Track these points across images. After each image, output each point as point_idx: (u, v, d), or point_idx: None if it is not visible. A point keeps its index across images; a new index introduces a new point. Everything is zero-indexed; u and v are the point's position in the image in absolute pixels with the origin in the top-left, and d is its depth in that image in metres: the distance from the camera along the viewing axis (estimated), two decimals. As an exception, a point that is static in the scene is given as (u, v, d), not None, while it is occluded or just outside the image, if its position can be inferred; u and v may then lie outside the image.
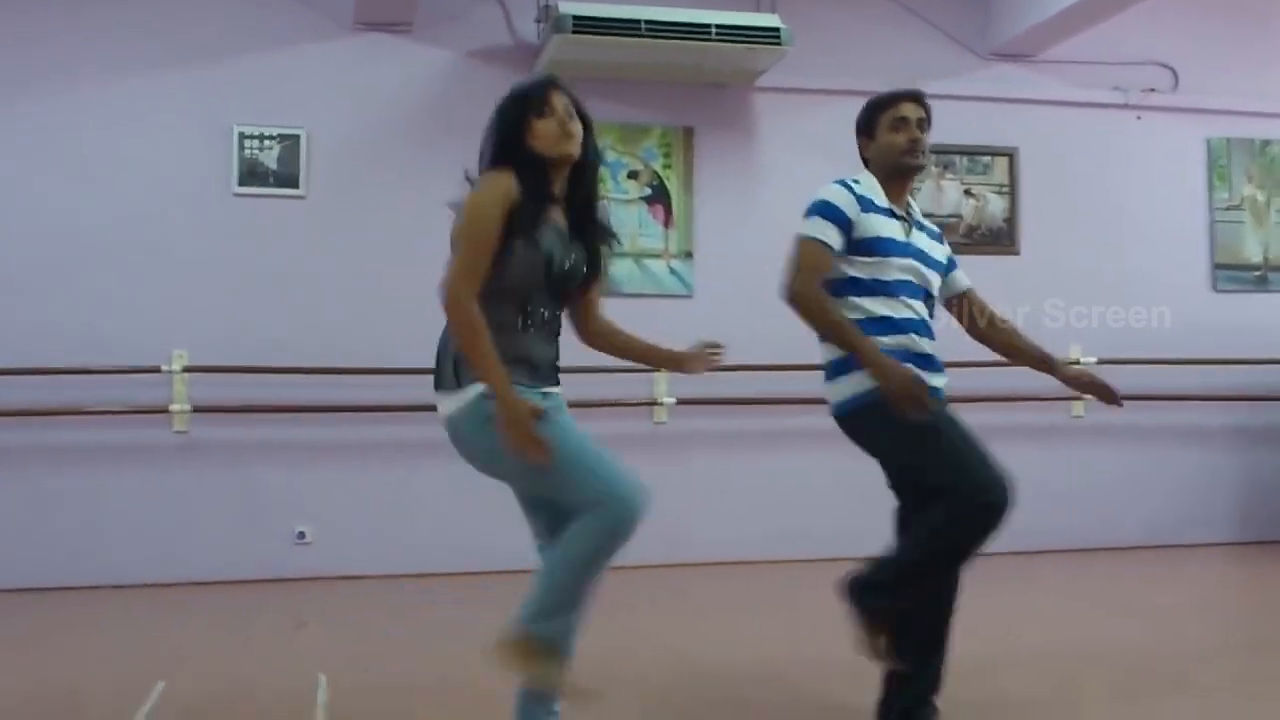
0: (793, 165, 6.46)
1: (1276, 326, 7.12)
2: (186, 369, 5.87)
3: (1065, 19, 6.38)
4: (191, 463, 5.92)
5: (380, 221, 6.11)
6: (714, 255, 6.48)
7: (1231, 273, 7.17)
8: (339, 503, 6.04)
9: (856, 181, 3.28)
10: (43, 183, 5.87)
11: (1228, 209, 7.19)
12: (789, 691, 3.43)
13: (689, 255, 6.49)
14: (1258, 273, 7.21)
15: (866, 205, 3.21)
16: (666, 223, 6.49)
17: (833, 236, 3.17)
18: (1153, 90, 7.08)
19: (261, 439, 5.98)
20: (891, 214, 3.26)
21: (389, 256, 6.03)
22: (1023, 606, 5.34)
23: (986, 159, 6.91)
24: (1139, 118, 7.10)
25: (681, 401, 6.35)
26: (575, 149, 2.99)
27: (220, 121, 6.04)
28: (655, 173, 6.51)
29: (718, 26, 5.97)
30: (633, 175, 6.49)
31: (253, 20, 6.12)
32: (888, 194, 3.29)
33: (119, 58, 5.98)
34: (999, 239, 6.90)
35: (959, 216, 6.84)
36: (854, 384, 3.17)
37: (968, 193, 6.88)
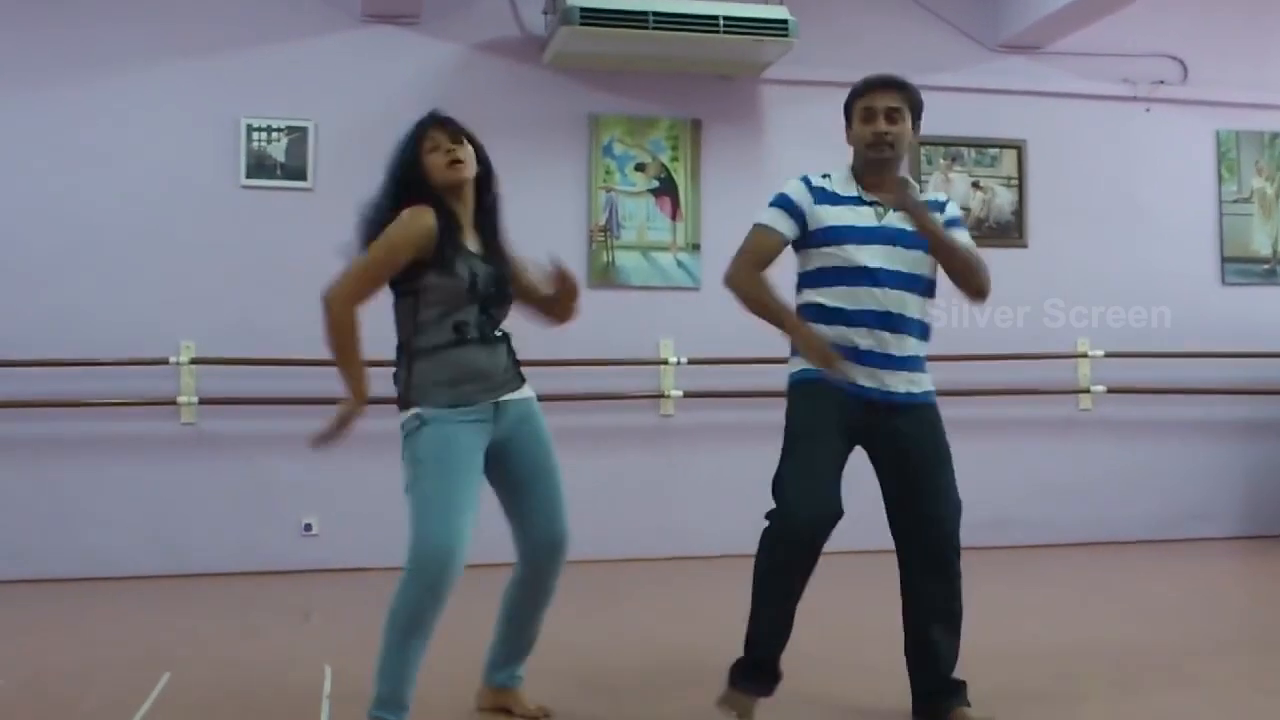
0: (800, 157, 6.40)
1: (1285, 320, 7.11)
2: (194, 361, 5.88)
3: (1074, 11, 6.36)
4: (199, 455, 5.93)
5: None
6: (721, 248, 6.37)
7: (1240, 266, 7.15)
8: (346, 495, 6.05)
9: (826, 176, 3.31)
10: (51, 175, 5.88)
11: (1236, 201, 7.17)
12: (789, 687, 3.43)
13: (696, 248, 6.49)
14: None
15: (822, 196, 3.23)
16: (674, 215, 6.49)
17: (783, 225, 3.24)
18: (1162, 82, 7.06)
19: (268, 431, 5.99)
20: (860, 201, 3.25)
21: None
22: (1027, 600, 5.33)
23: (994, 151, 6.89)
24: (1148, 110, 7.08)
25: (689, 394, 6.35)
26: (464, 172, 3.17)
27: (228, 114, 6.05)
28: (663, 165, 6.51)
29: (725, 18, 5.96)
30: (640, 168, 6.48)
31: (261, 13, 6.13)
32: (867, 183, 3.28)
33: (127, 50, 5.98)
34: (1007, 232, 6.88)
35: (967, 209, 6.82)
36: (790, 364, 3.29)
37: (976, 185, 6.86)
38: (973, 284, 3.33)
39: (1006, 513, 6.68)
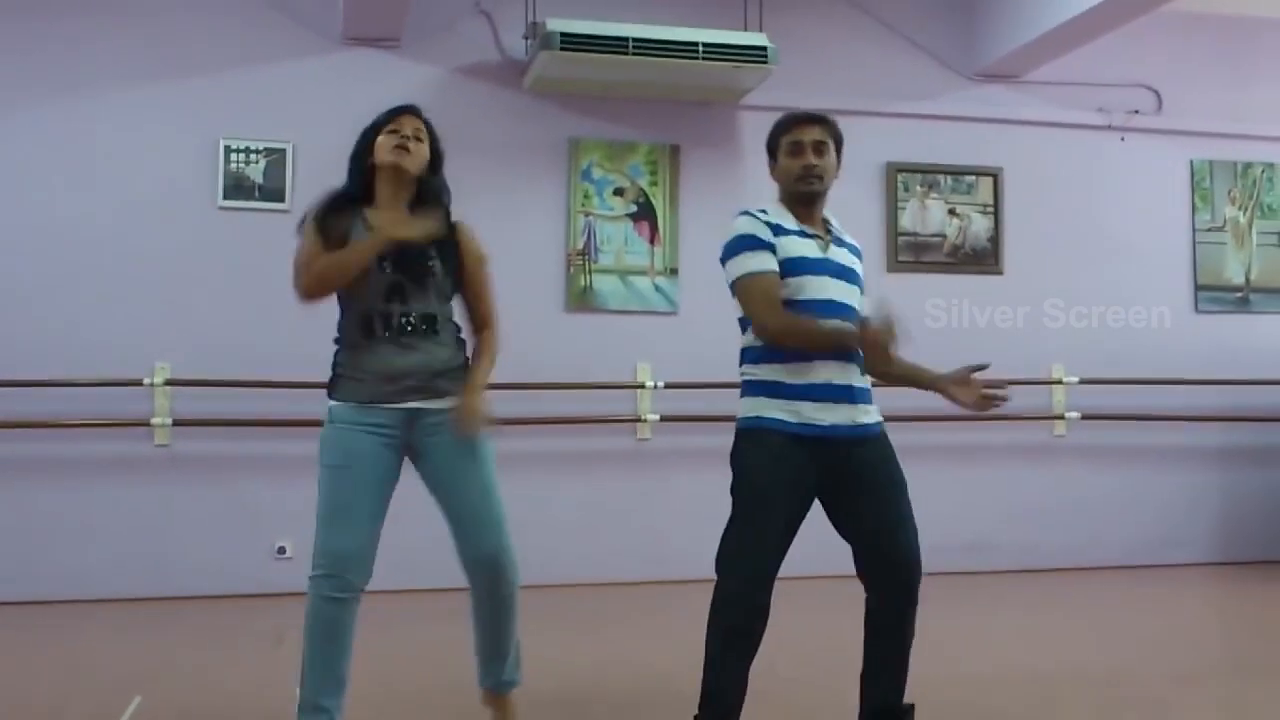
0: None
1: (1257, 347, 7.16)
2: (169, 382, 5.85)
3: (1050, 41, 6.42)
4: (173, 476, 5.89)
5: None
6: (699, 272, 6.48)
7: (1213, 294, 7.21)
8: (321, 517, 6.01)
9: (764, 210, 3.23)
10: (26, 193, 5.86)
11: (1210, 230, 7.23)
12: (768, 710, 3.42)
13: (674, 272, 6.50)
14: (1239, 294, 7.25)
15: (777, 230, 3.17)
16: (652, 239, 6.50)
17: (767, 261, 3.13)
18: (1136, 112, 7.13)
19: (243, 453, 5.96)
20: (804, 234, 3.21)
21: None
22: (1003, 625, 5.34)
23: (971, 179, 6.94)
24: (1123, 139, 7.14)
25: (666, 418, 6.35)
26: (408, 164, 3.19)
27: (207, 135, 6.04)
28: (641, 190, 6.53)
29: (705, 45, 5.99)
30: (619, 192, 6.50)
31: (241, 35, 6.13)
32: (797, 217, 3.24)
33: (106, 71, 5.97)
34: (983, 258, 6.93)
35: (943, 236, 6.87)
36: (744, 407, 3.21)
37: (952, 212, 6.90)
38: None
39: (982, 538, 6.70)
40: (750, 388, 3.20)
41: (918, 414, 6.52)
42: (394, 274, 3.11)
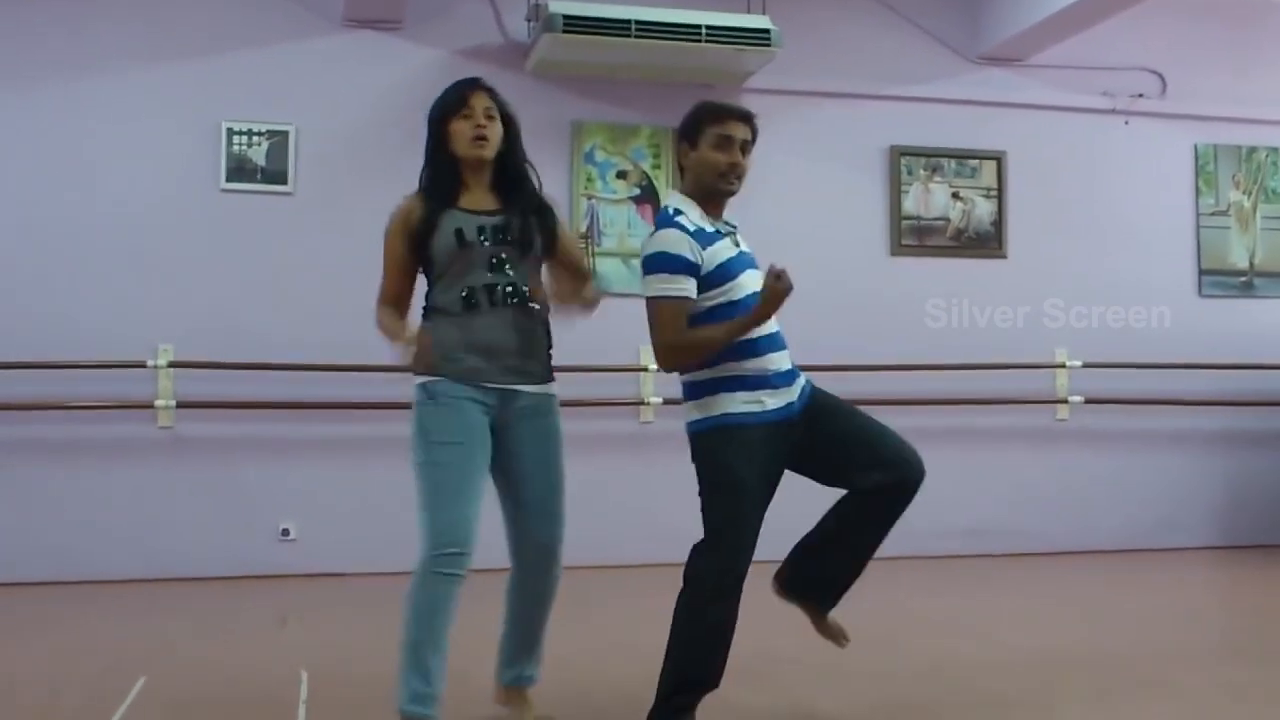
0: (781, 166, 6.47)
1: (1261, 332, 7.16)
2: (172, 364, 5.85)
3: (1054, 24, 6.40)
4: (176, 458, 5.90)
5: (368, 219, 5.97)
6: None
7: (1217, 278, 7.20)
8: (323, 500, 6.03)
9: (680, 214, 3.16)
10: (29, 177, 5.86)
11: (1214, 214, 7.22)
12: (770, 692, 3.43)
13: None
14: (1243, 278, 7.24)
15: (702, 238, 3.12)
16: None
17: (688, 287, 3.08)
18: (1140, 96, 7.11)
19: (246, 435, 5.97)
20: (719, 234, 3.18)
21: (376, 254, 5.96)
22: (1004, 609, 5.35)
23: (974, 163, 6.93)
24: (1127, 123, 7.12)
25: (668, 401, 6.34)
26: (486, 152, 3.14)
27: (209, 118, 6.03)
28: (644, 173, 6.52)
29: (708, 27, 5.98)
30: (621, 175, 6.49)
31: (243, 17, 6.11)
32: (705, 210, 3.20)
33: (107, 53, 5.96)
34: (986, 242, 6.92)
35: (947, 220, 6.86)
36: (703, 408, 3.18)
37: (955, 196, 6.89)
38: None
39: (984, 522, 6.71)
40: (708, 386, 3.16)
41: (919, 398, 6.54)
42: (494, 245, 3.08)
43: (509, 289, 3.08)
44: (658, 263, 3.10)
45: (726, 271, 3.14)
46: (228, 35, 6.09)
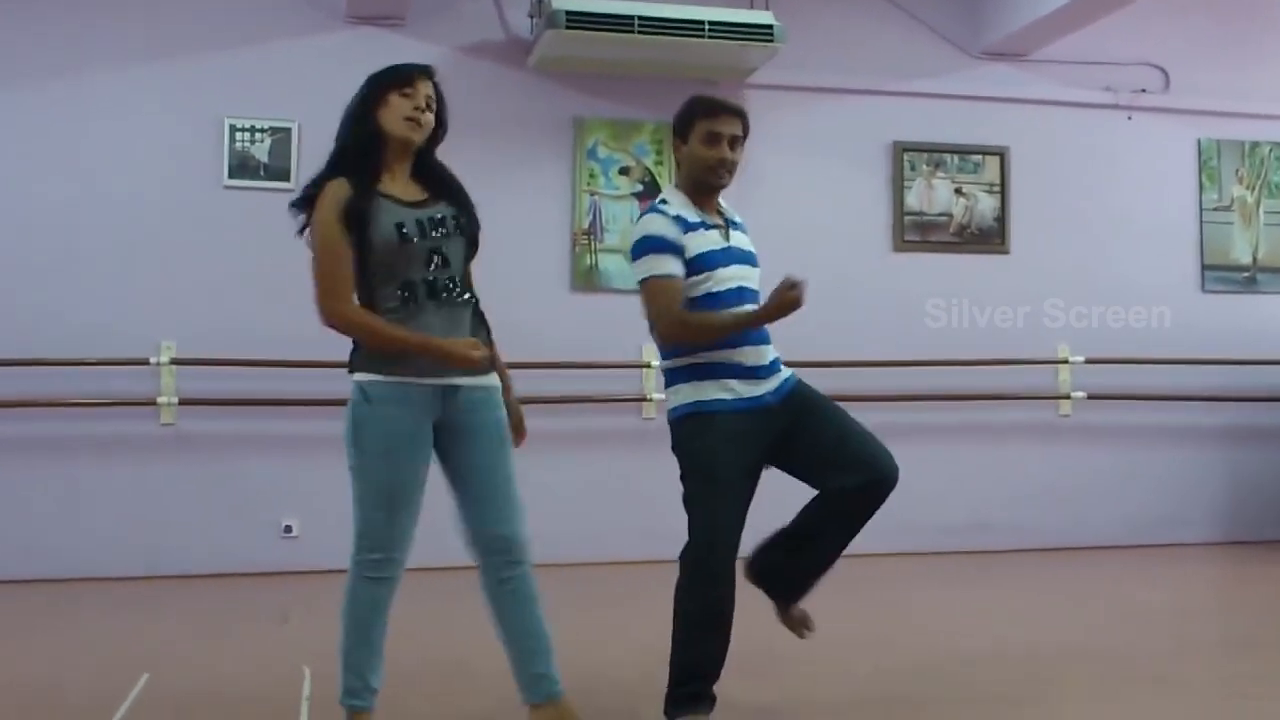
0: (784, 162, 6.48)
1: (1263, 328, 7.15)
2: (174, 361, 5.85)
3: (1056, 19, 6.39)
4: (178, 455, 5.91)
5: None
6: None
7: (1220, 273, 7.19)
8: (326, 497, 5.98)
9: (665, 203, 3.23)
10: (32, 173, 5.86)
11: (1217, 209, 7.21)
12: (772, 688, 3.43)
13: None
14: (1246, 274, 7.23)
15: (684, 225, 3.17)
16: (657, 219, 6.49)
17: (674, 266, 3.13)
18: (1143, 91, 7.10)
19: (248, 432, 5.97)
20: (705, 225, 3.22)
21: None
22: (1007, 603, 5.35)
23: (977, 158, 6.92)
24: (1129, 118, 7.11)
25: (671, 398, 6.35)
26: (417, 137, 3.04)
27: (211, 114, 6.03)
28: (647, 169, 6.51)
29: (711, 23, 5.97)
30: (624, 171, 6.49)
31: (246, 13, 6.11)
32: (697, 204, 3.25)
33: (109, 49, 5.96)
34: (989, 238, 6.91)
35: (949, 215, 6.86)
36: (679, 395, 3.21)
37: (958, 191, 6.88)
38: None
39: (987, 517, 6.71)
40: (682, 374, 3.20)
41: (922, 394, 6.54)
42: (433, 239, 2.97)
43: (448, 283, 2.99)
44: (642, 246, 3.17)
45: (706, 261, 3.18)
46: (230, 32, 6.08)
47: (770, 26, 6.03)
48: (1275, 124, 7.30)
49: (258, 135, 6.06)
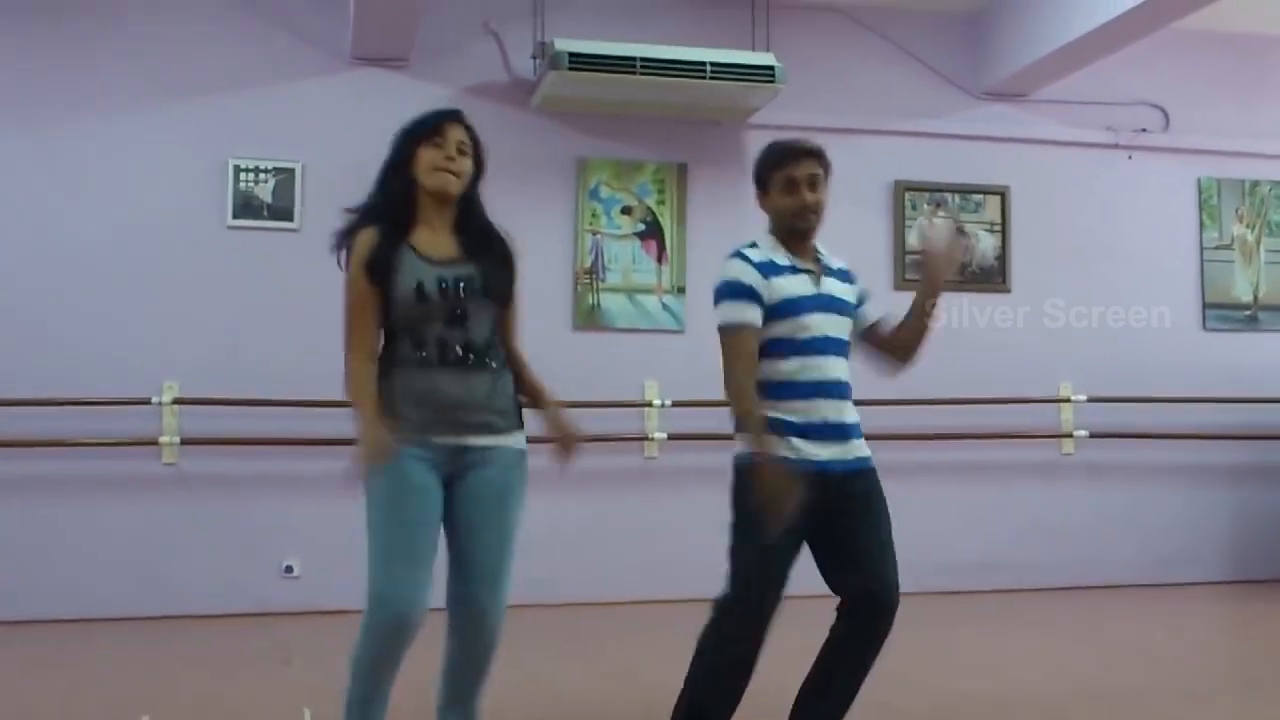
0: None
1: (1266, 365, 7.14)
2: (177, 401, 5.86)
3: (1057, 59, 6.43)
4: (180, 495, 5.90)
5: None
6: (706, 290, 6.40)
7: (1222, 312, 7.19)
8: (327, 536, 6.00)
9: (754, 246, 3.22)
10: (37, 212, 5.88)
11: (1218, 248, 7.22)
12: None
13: (681, 290, 6.51)
14: (1247, 312, 7.24)
15: (767, 270, 3.15)
16: (660, 258, 6.51)
17: (751, 315, 3.11)
18: (1144, 130, 7.13)
19: (251, 472, 5.97)
20: (795, 270, 3.19)
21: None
22: (1012, 644, 5.32)
23: (978, 197, 6.94)
24: (1130, 157, 7.14)
25: (673, 436, 6.35)
26: (451, 187, 2.99)
27: (216, 154, 6.06)
28: (649, 208, 6.54)
29: (713, 64, 6.01)
30: (626, 211, 6.51)
31: (251, 55, 6.16)
32: (790, 249, 3.23)
33: (116, 89, 6.00)
34: (990, 277, 6.92)
35: (951, 254, 6.86)
36: (739, 441, 3.18)
37: (960, 230, 6.90)
38: (917, 353, 3.40)
39: (992, 557, 6.68)
40: (740, 422, 3.17)
41: (924, 433, 6.53)
42: (454, 299, 2.93)
43: (465, 344, 2.94)
44: (721, 291, 3.18)
45: (791, 306, 3.14)
46: (235, 73, 6.13)
47: (772, 67, 6.07)
48: (1275, 163, 7.32)
49: (262, 176, 6.09)
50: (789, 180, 3.23)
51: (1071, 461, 6.90)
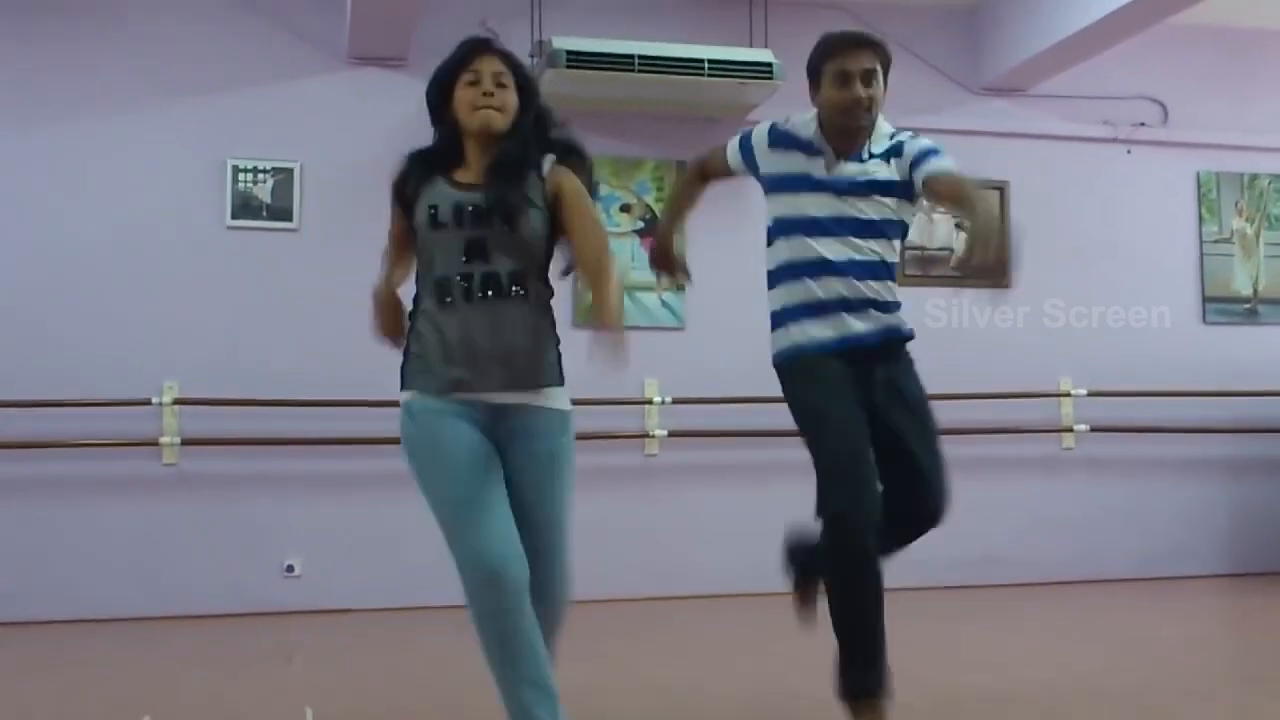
0: (784, 198, 6.49)
1: (1266, 359, 7.15)
2: (177, 401, 5.86)
3: (1055, 54, 6.43)
4: (180, 495, 5.90)
5: (373, 255, 6.02)
6: (705, 288, 6.46)
7: (1221, 305, 7.20)
8: (328, 536, 6.02)
9: (789, 119, 3.19)
10: (35, 213, 5.89)
11: (1217, 242, 7.23)
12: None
13: (681, 288, 6.51)
14: (1247, 305, 7.24)
15: (779, 139, 3.13)
16: (659, 255, 6.50)
17: (733, 154, 3.33)
18: (1142, 124, 7.13)
19: (251, 471, 5.97)
20: (813, 148, 3.10)
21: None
22: (1013, 639, 5.32)
23: (977, 193, 6.92)
24: (1129, 152, 7.14)
25: (673, 434, 6.35)
26: (495, 123, 2.76)
27: (215, 154, 6.07)
28: (648, 206, 6.54)
29: (711, 62, 6.01)
30: (625, 209, 6.51)
31: (249, 54, 6.16)
32: (835, 143, 3.10)
33: (114, 90, 6.00)
34: (990, 271, 6.91)
35: (950, 250, 6.87)
36: (777, 340, 3.15)
37: (959, 226, 6.90)
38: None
39: (993, 551, 6.68)
40: (773, 318, 3.19)
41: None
42: (473, 228, 2.67)
43: (485, 279, 2.68)
44: (736, 137, 3.34)
45: (781, 181, 3.13)
46: (233, 73, 6.13)
47: (770, 64, 6.07)
48: (1274, 156, 7.33)
49: (260, 176, 6.09)
50: (841, 73, 3.08)
51: (1072, 456, 6.91)
